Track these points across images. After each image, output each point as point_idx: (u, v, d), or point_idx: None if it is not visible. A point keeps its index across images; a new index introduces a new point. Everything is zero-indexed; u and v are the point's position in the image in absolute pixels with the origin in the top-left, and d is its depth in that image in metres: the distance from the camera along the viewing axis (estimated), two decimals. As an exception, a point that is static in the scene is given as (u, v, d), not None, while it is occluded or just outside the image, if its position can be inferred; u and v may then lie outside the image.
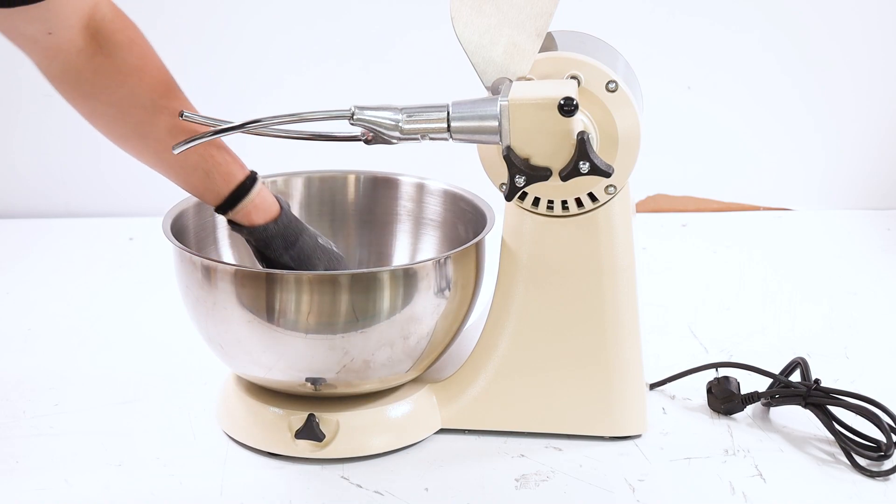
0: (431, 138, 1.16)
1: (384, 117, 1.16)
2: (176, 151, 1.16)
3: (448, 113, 1.15)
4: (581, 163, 1.14)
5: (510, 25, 1.15)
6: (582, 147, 1.13)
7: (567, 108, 1.12)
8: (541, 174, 1.15)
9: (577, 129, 1.13)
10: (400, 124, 1.16)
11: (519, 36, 1.15)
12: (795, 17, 1.95)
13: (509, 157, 1.14)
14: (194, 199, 1.30)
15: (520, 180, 1.15)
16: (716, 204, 2.00)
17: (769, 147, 2.00)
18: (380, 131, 1.16)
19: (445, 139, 1.16)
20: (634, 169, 1.20)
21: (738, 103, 1.98)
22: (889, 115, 1.98)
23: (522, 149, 1.14)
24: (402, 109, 1.16)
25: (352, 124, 1.17)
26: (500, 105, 1.13)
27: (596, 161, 1.14)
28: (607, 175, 1.15)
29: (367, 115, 1.16)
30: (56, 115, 1.93)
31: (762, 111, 1.99)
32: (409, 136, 1.16)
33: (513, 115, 1.13)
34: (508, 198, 1.16)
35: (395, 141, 1.17)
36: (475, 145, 1.19)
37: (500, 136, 1.14)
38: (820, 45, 1.96)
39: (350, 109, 1.16)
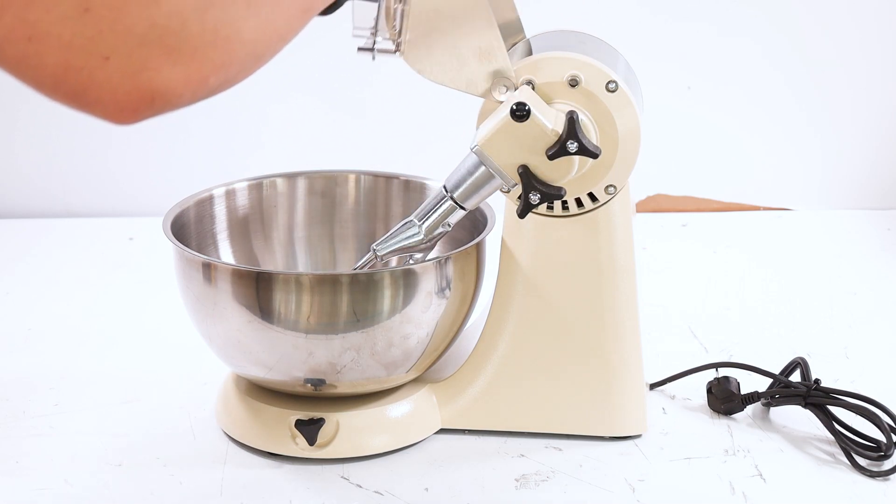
0: (451, 223, 1.17)
1: (406, 239, 1.18)
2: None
3: (446, 190, 1.16)
4: (569, 142, 1.13)
5: (462, 38, 1.15)
6: (571, 126, 1.12)
7: (519, 112, 1.12)
8: (555, 192, 1.14)
9: (549, 125, 1.12)
10: (423, 233, 1.18)
11: (476, 40, 1.15)
12: (795, 17, 1.95)
13: (525, 174, 1.14)
14: (194, 199, 1.30)
15: (534, 198, 1.15)
16: (716, 204, 2.00)
17: (769, 147, 2.00)
18: (411, 252, 1.19)
19: (464, 210, 1.17)
20: (634, 169, 1.20)
21: (738, 103, 1.98)
22: (889, 115, 1.98)
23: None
24: (410, 221, 1.18)
25: (381, 259, 1.19)
26: (475, 153, 1.14)
27: (584, 141, 1.13)
28: (595, 156, 1.13)
29: (391, 246, 1.19)
30: (56, 114, 1.93)
31: (762, 111, 1.99)
32: (435, 235, 1.18)
33: (489, 153, 1.14)
34: (522, 215, 1.16)
35: (430, 246, 1.19)
36: None
37: (499, 176, 1.14)
38: (820, 46, 1.95)
39: (372, 251, 1.19)
